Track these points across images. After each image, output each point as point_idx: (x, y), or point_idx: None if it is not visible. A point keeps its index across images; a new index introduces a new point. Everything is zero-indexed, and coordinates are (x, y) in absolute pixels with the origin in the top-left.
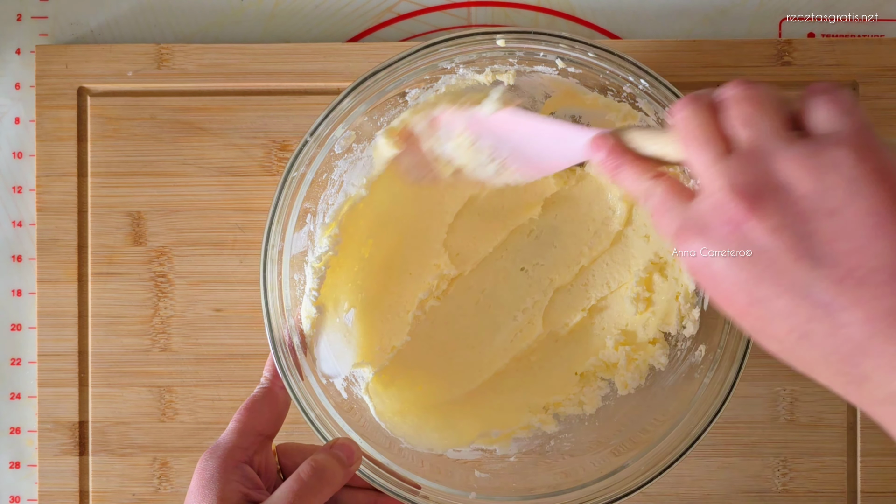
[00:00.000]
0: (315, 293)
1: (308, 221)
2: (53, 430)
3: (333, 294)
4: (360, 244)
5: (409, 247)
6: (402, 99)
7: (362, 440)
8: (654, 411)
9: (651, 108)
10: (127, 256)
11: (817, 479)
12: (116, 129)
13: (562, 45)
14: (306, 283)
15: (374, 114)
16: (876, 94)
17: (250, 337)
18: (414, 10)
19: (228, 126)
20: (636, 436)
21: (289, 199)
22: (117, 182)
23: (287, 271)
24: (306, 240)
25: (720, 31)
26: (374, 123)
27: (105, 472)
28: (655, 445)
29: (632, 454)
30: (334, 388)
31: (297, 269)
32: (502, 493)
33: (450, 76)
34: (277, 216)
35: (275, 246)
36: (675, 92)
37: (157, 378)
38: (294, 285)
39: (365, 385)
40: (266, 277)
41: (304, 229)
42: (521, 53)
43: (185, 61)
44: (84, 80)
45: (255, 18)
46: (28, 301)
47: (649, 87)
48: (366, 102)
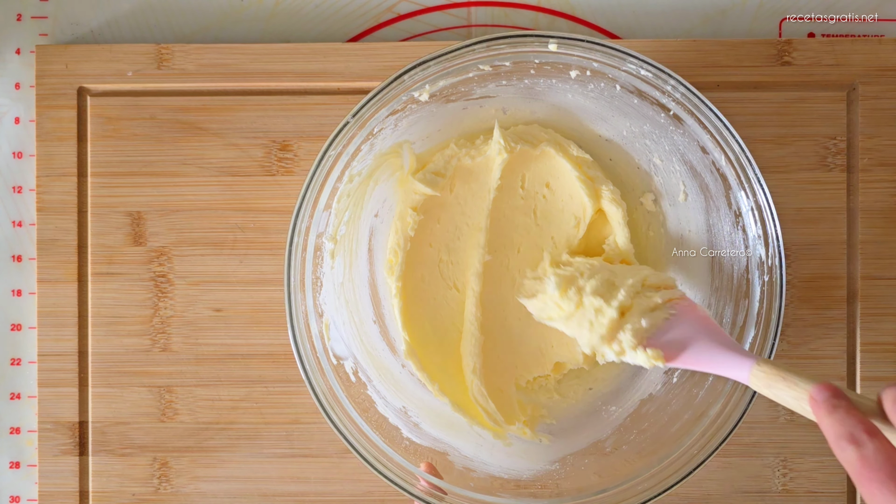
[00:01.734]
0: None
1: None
2: (53, 430)
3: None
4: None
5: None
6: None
7: (367, 425)
8: (671, 419)
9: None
10: (127, 256)
11: (817, 479)
12: (116, 129)
13: (629, 63)
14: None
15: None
16: (876, 94)
17: (250, 337)
18: (414, 10)
19: (228, 126)
20: (649, 444)
21: (322, 176)
22: (117, 182)
23: (312, 247)
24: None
25: (720, 31)
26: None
27: (105, 472)
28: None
29: (646, 461)
30: (343, 370)
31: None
32: (567, 494)
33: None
34: (309, 193)
35: (303, 222)
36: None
37: (157, 378)
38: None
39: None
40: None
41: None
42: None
43: (185, 61)
44: (84, 80)
45: (255, 18)
46: (28, 301)
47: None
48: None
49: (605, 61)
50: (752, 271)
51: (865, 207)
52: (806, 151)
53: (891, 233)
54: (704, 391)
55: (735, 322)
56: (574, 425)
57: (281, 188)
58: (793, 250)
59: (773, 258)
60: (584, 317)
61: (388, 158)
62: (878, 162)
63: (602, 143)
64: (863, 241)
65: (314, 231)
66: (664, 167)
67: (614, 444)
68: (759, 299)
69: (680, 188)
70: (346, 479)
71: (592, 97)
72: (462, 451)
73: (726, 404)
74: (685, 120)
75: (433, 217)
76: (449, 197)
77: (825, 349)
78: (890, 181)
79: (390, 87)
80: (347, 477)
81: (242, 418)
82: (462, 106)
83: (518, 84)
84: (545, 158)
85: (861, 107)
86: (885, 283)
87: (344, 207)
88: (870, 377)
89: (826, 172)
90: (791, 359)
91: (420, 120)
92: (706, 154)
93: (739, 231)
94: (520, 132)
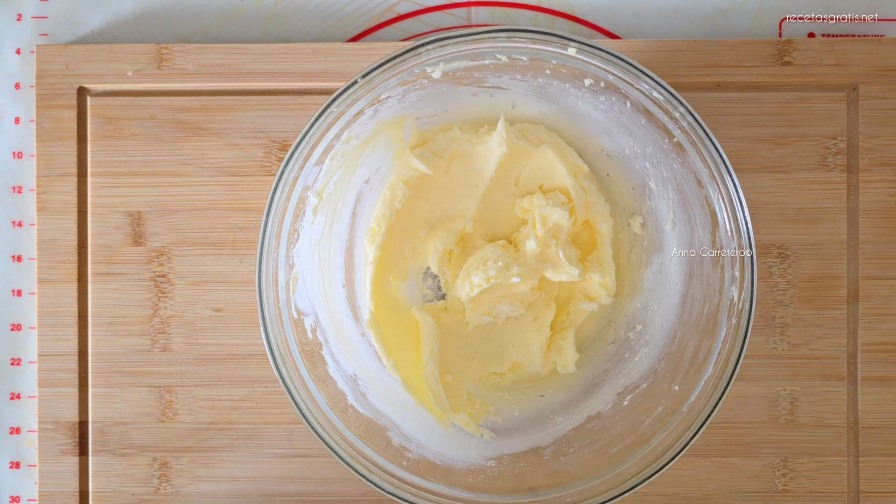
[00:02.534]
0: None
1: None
2: (53, 430)
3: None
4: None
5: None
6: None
7: (315, 386)
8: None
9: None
10: (127, 256)
11: (818, 479)
12: (116, 129)
13: (644, 82)
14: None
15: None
16: (876, 94)
17: (250, 337)
18: (414, 10)
19: (228, 126)
20: (587, 461)
21: (320, 130)
22: (117, 182)
23: (296, 198)
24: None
25: (720, 31)
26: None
27: (105, 472)
28: (647, 447)
29: (580, 476)
30: (303, 326)
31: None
32: (498, 492)
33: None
34: (303, 144)
35: (292, 172)
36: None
37: (157, 378)
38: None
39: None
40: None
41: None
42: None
43: (185, 61)
44: (84, 80)
45: (255, 18)
46: (28, 301)
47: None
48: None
49: (621, 76)
50: (722, 312)
51: (866, 207)
52: (806, 151)
53: (891, 233)
54: (652, 420)
55: (695, 358)
56: (518, 427)
57: None
58: (793, 250)
59: (744, 302)
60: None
61: (389, 128)
62: (879, 162)
63: (603, 157)
64: (863, 241)
65: (301, 183)
66: (658, 193)
67: (553, 453)
68: (722, 340)
69: (669, 217)
70: (346, 478)
71: (602, 109)
72: (403, 430)
73: (671, 435)
74: (687, 150)
75: (423, 194)
76: (442, 178)
77: (825, 349)
78: (890, 181)
79: (405, 56)
80: (347, 477)
81: (242, 418)
82: (472, 91)
83: (532, 81)
84: (543, 160)
85: (861, 107)
86: (886, 283)
87: (336, 167)
88: (870, 377)
89: (826, 172)
90: (791, 359)
91: (428, 97)
92: (701, 188)
93: (718, 270)
94: (524, 129)
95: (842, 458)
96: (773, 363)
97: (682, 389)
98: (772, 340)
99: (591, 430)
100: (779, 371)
